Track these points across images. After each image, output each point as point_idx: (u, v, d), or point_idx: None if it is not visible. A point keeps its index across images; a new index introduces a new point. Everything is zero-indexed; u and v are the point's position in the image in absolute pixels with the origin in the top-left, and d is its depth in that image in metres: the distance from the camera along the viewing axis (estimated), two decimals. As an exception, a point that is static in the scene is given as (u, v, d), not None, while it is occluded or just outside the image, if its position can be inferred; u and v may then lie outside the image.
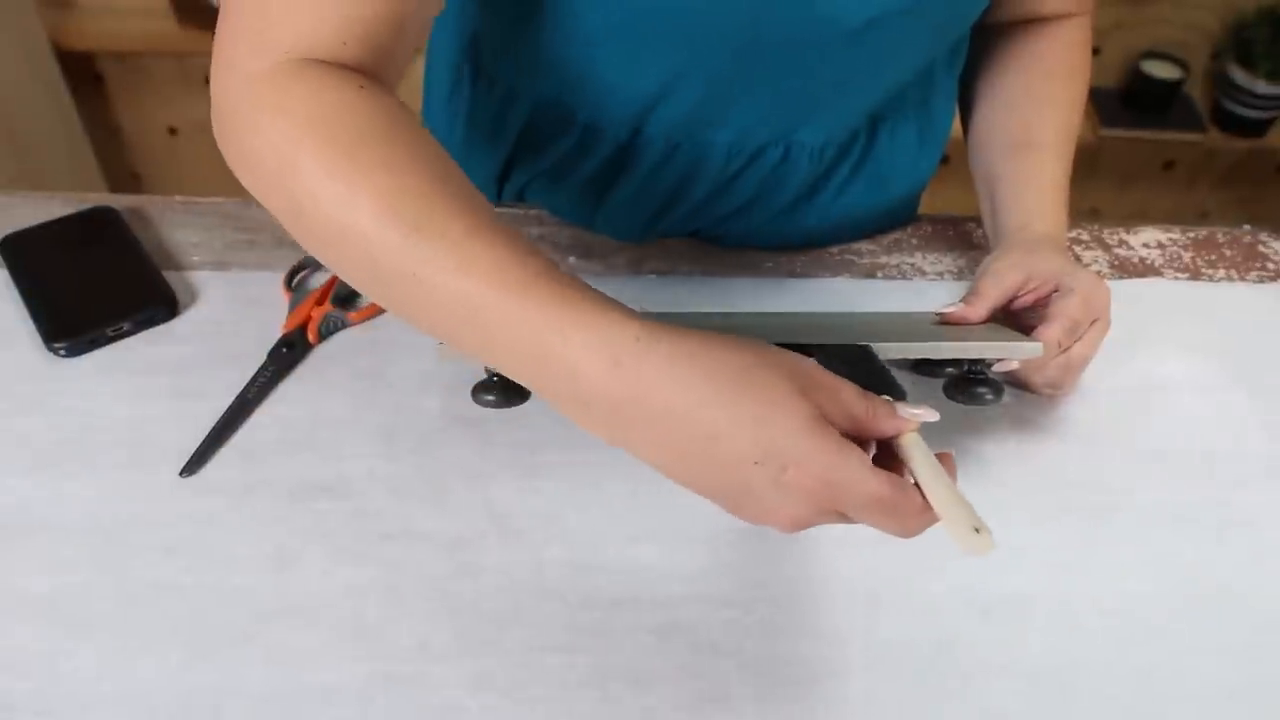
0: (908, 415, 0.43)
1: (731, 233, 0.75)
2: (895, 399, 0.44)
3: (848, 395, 0.43)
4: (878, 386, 0.45)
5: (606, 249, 0.75)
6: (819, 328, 0.61)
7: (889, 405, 0.43)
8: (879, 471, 0.41)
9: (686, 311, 0.69)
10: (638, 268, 0.74)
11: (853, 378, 0.44)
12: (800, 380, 0.42)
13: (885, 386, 0.45)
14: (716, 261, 0.76)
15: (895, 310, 0.71)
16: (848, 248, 0.78)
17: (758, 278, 0.75)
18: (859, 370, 0.46)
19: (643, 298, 0.70)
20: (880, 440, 0.44)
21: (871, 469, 0.41)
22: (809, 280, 0.75)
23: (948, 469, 0.43)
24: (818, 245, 0.77)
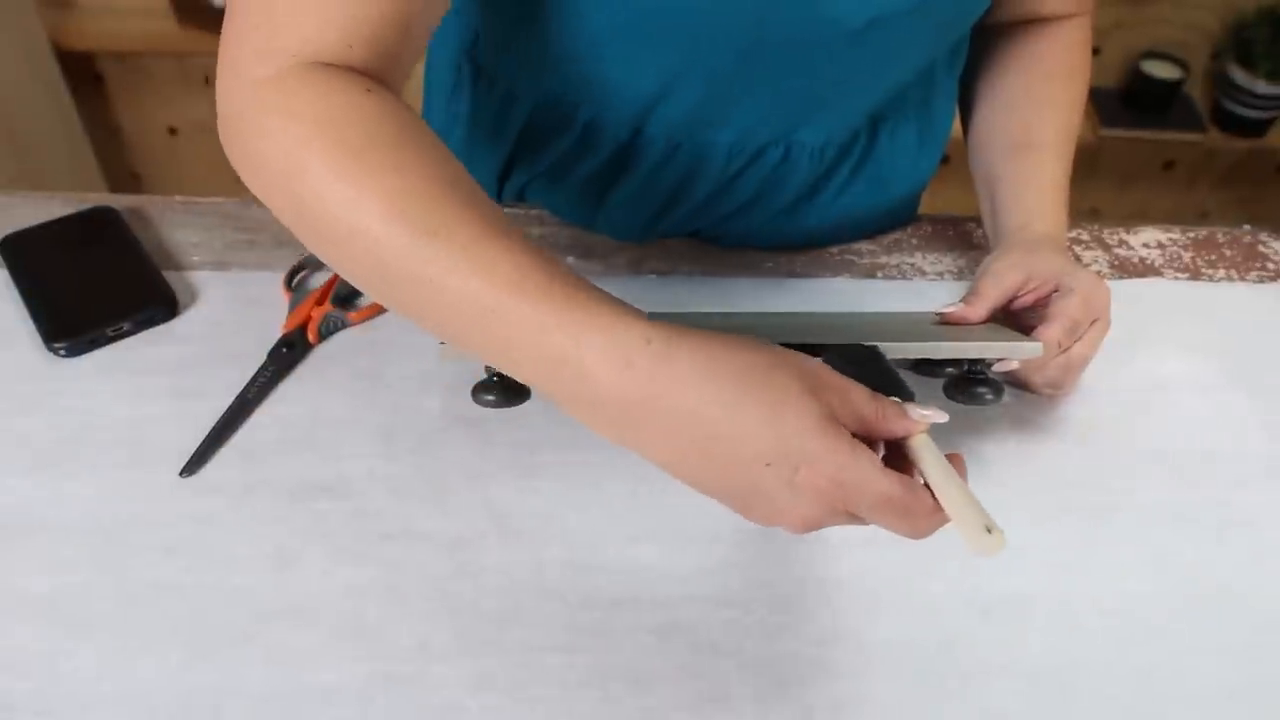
0: (917, 416, 0.43)
1: (732, 233, 0.75)
2: (904, 400, 0.44)
3: (857, 396, 0.43)
4: (886, 387, 0.44)
5: (606, 249, 0.75)
6: (819, 328, 0.60)
7: (898, 406, 0.43)
8: (890, 472, 0.41)
9: (686, 312, 0.69)
10: (638, 268, 0.74)
11: (861, 378, 0.44)
12: (810, 381, 0.42)
13: (893, 388, 0.45)
14: (716, 261, 0.76)
15: (895, 310, 0.71)
16: (848, 248, 0.78)
17: (758, 278, 0.75)
18: (867, 371, 0.45)
19: (643, 298, 0.70)
20: (889, 442, 0.44)
21: (883, 469, 0.41)
22: (809, 280, 0.75)
23: (958, 470, 0.43)
24: (818, 245, 0.77)
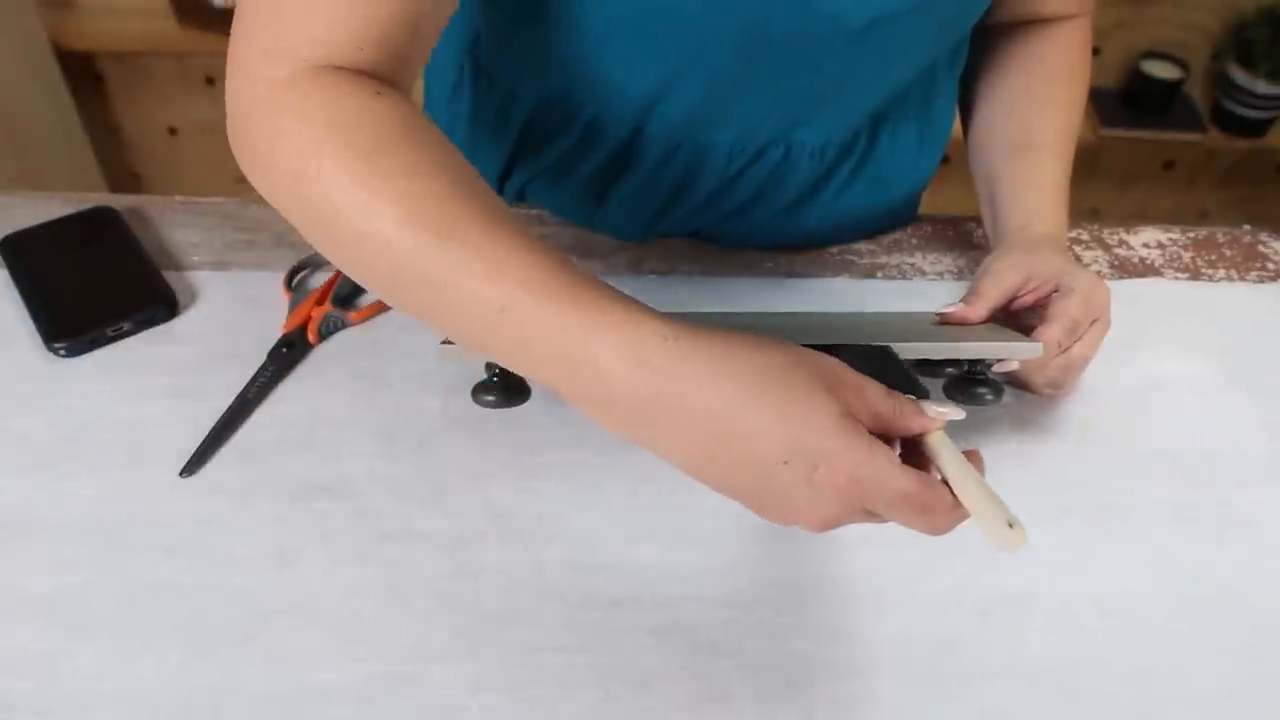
0: (933, 413, 0.43)
1: (732, 232, 0.75)
2: (918, 398, 0.44)
3: (874, 394, 0.43)
4: (899, 386, 0.44)
5: (606, 249, 0.75)
6: (819, 328, 0.60)
7: (914, 404, 0.43)
8: (908, 469, 0.41)
9: (686, 312, 0.69)
10: (638, 268, 0.74)
11: (874, 377, 0.44)
12: (828, 379, 0.41)
13: (907, 386, 0.45)
14: (716, 261, 0.76)
15: (895, 310, 0.71)
16: (848, 248, 0.78)
17: (758, 278, 0.75)
18: (880, 370, 0.45)
19: (642, 298, 0.70)
20: (905, 440, 0.44)
21: (901, 466, 0.41)
22: (809, 280, 0.75)
23: (975, 466, 0.43)
24: (818, 245, 0.77)
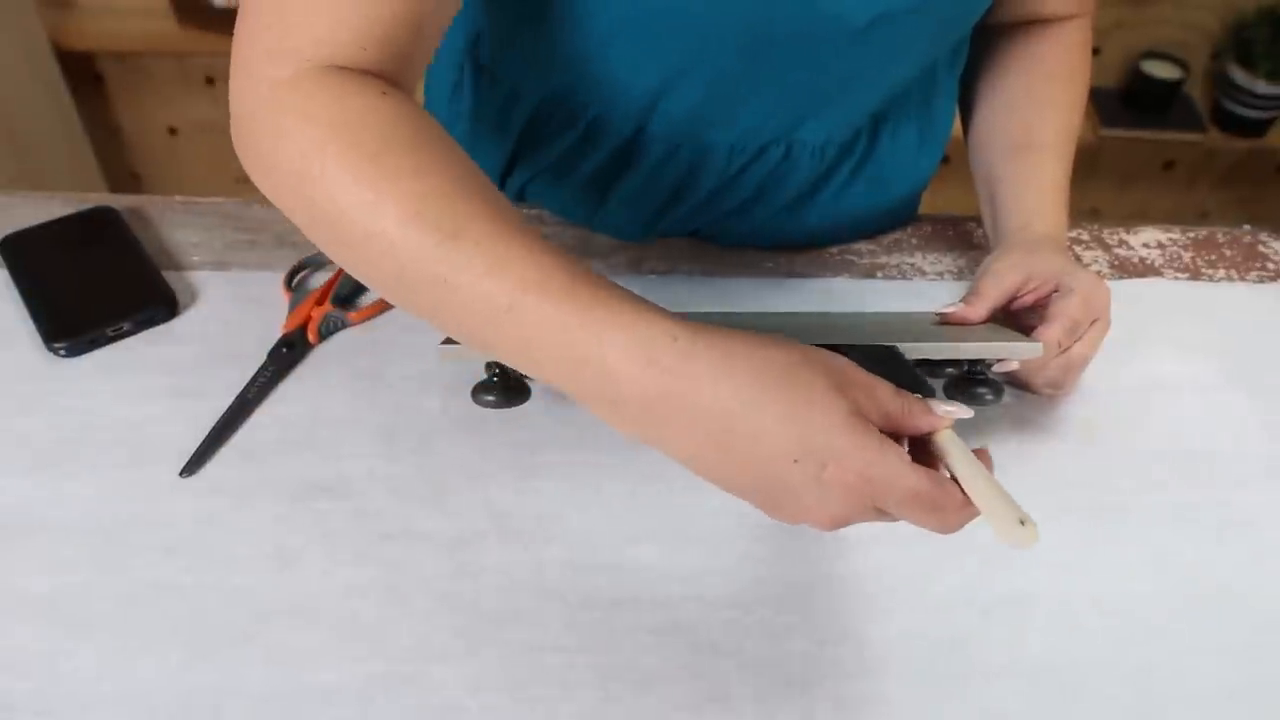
0: (942, 411, 0.43)
1: (732, 231, 0.75)
2: (925, 397, 0.44)
3: (883, 392, 0.43)
4: (906, 386, 0.44)
5: (606, 248, 0.75)
6: (819, 328, 0.60)
7: (923, 402, 0.44)
8: (918, 467, 0.41)
9: (687, 312, 0.69)
10: (638, 268, 0.74)
11: (881, 377, 0.44)
12: (837, 377, 0.42)
13: (914, 385, 0.45)
14: (716, 261, 0.76)
15: (895, 310, 0.71)
16: (848, 248, 0.78)
17: (758, 278, 0.75)
18: (886, 370, 0.45)
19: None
20: (911, 439, 0.44)
21: (911, 464, 0.41)
22: (809, 280, 0.75)
23: (984, 464, 0.43)
24: (818, 245, 0.77)
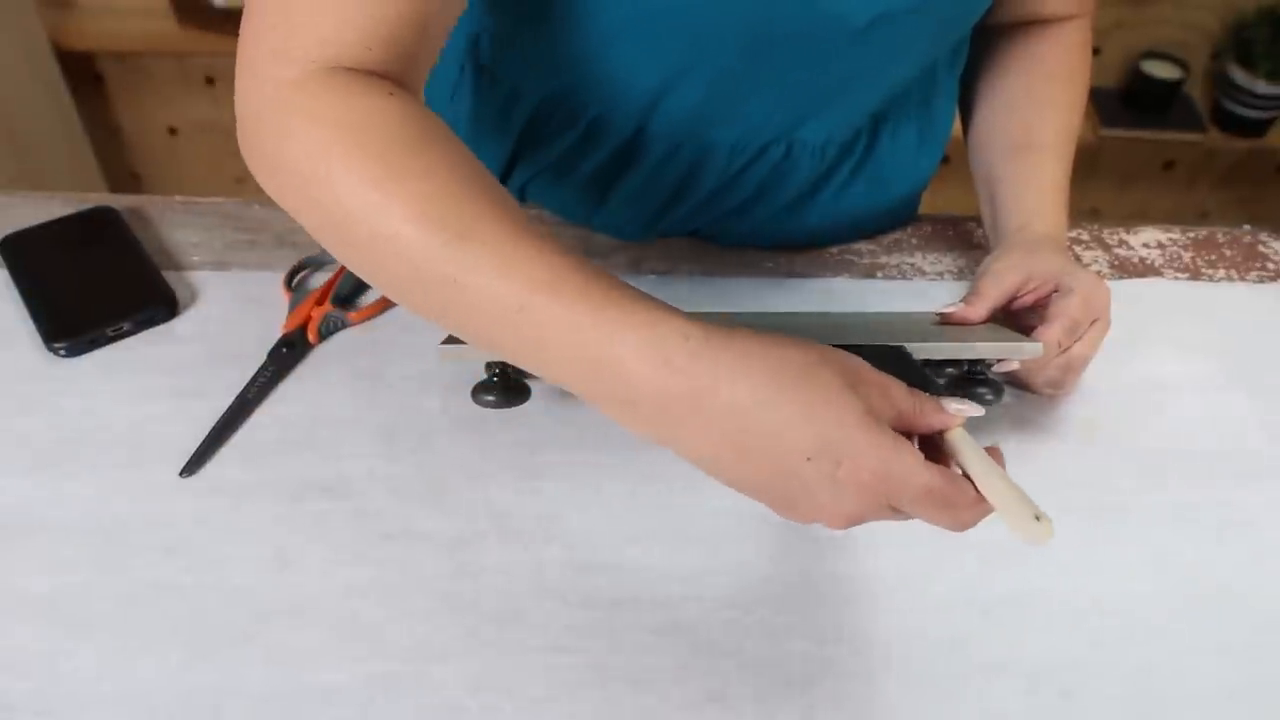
0: (953, 410, 0.44)
1: (732, 231, 0.75)
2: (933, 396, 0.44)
3: (896, 391, 0.43)
4: (915, 385, 0.44)
5: (606, 248, 0.75)
6: (819, 327, 0.60)
7: (935, 401, 0.44)
8: (932, 465, 0.41)
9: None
10: (637, 268, 0.74)
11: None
12: (850, 376, 0.42)
13: (923, 385, 0.45)
14: (716, 261, 0.76)
15: (895, 310, 0.71)
16: (848, 248, 0.78)
17: (758, 278, 0.75)
18: (895, 370, 0.46)
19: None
20: (922, 438, 0.44)
21: (925, 462, 0.41)
22: (809, 280, 0.75)
23: (996, 462, 0.43)
24: (818, 244, 0.77)
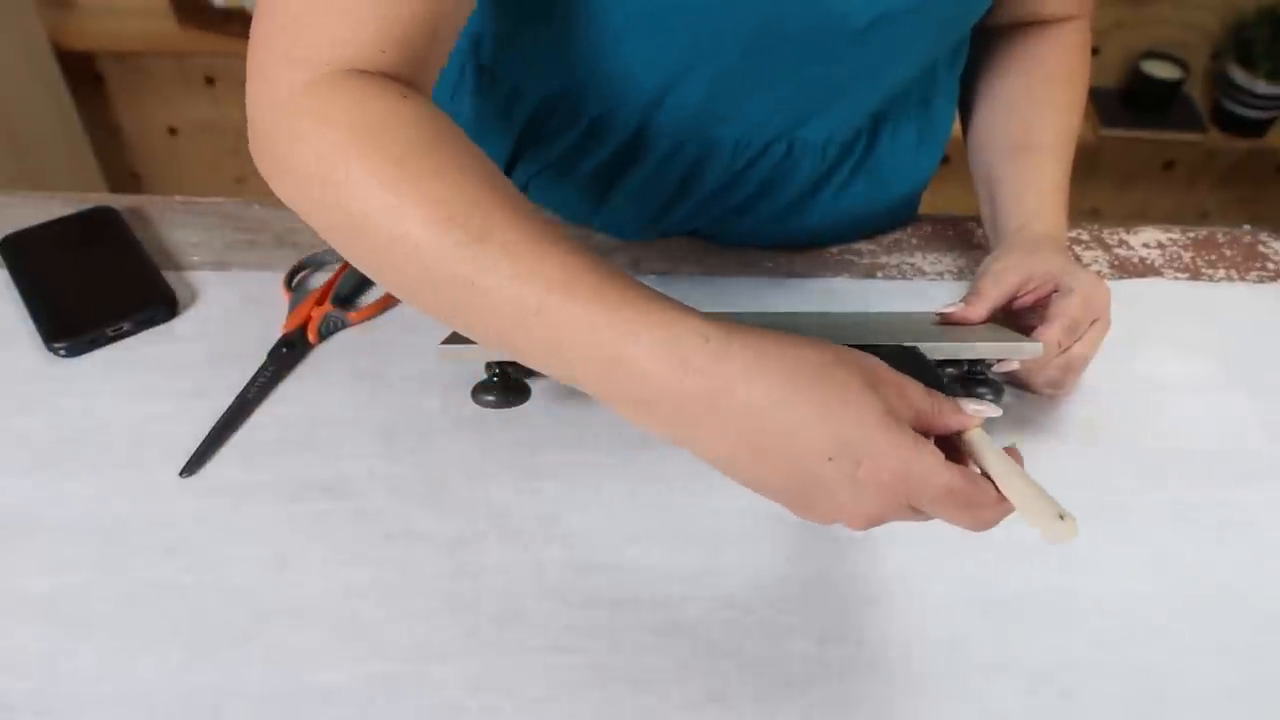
0: (972, 410, 0.44)
1: (733, 230, 0.75)
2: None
3: (914, 392, 0.43)
4: (929, 386, 0.44)
5: (606, 248, 0.75)
6: (820, 327, 0.60)
7: (953, 401, 0.44)
8: (952, 465, 0.41)
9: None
10: (637, 268, 0.74)
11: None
12: (868, 376, 0.42)
13: (937, 386, 0.45)
14: (716, 261, 0.76)
15: (895, 310, 0.71)
16: (848, 248, 0.78)
17: (758, 278, 0.75)
18: (910, 370, 0.45)
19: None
20: (939, 438, 0.44)
21: (945, 462, 0.41)
22: (809, 280, 0.75)
23: (1015, 462, 0.43)
24: (818, 244, 0.77)
